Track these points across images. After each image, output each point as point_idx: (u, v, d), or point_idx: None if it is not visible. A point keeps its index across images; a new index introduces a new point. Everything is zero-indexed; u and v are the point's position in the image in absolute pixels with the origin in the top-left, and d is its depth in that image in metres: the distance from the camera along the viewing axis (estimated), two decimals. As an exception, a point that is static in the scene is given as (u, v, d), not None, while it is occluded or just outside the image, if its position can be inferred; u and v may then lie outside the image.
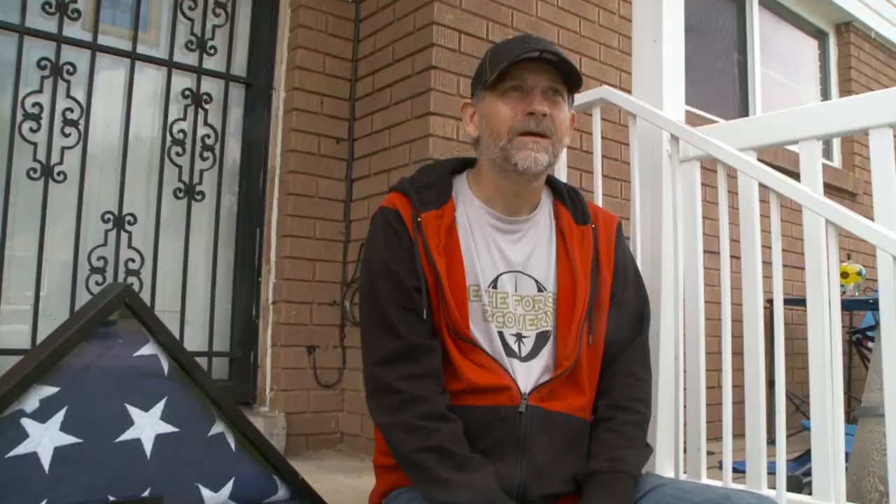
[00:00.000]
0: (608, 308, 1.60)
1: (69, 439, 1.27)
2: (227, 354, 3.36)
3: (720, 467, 1.92)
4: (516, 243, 1.59)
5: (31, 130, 2.92)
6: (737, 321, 1.90)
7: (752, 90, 5.11)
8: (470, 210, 1.58)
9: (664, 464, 2.04)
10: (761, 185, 1.89)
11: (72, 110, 3.01)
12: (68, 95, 3.01)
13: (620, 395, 1.57)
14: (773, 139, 2.01)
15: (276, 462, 1.47)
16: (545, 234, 1.62)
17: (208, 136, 3.34)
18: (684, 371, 2.01)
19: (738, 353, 1.89)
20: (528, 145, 1.49)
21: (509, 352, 1.51)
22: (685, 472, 2.01)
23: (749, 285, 1.93)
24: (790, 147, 2.04)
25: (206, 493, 1.38)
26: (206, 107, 3.35)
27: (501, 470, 1.40)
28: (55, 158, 2.96)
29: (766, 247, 1.87)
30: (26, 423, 1.24)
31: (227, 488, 1.40)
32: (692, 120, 2.18)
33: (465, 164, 1.67)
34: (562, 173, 2.23)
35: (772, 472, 1.85)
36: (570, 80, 1.54)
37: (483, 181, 1.60)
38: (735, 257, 1.94)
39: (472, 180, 1.63)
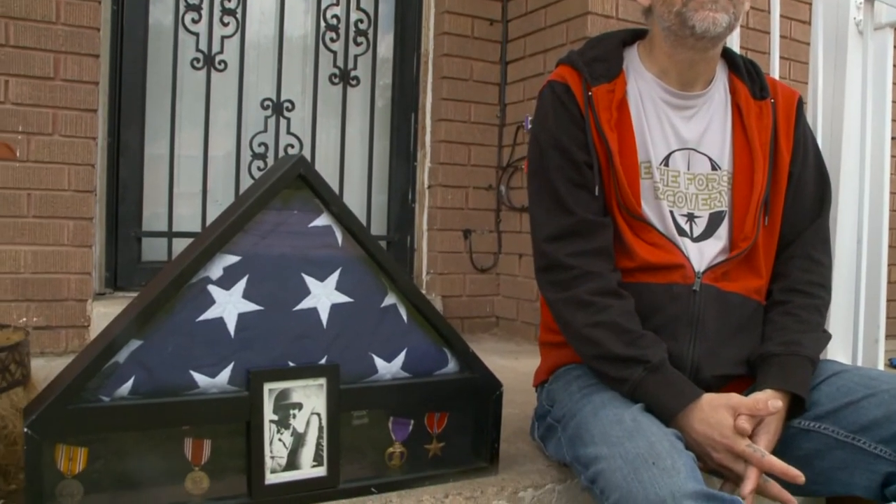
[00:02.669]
0: (786, 188, 1.50)
1: (251, 306, 1.32)
2: (385, 238, 3.43)
3: (892, 365, 1.82)
4: (690, 119, 1.50)
5: (193, 21, 3.01)
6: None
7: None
8: (641, 84, 1.51)
9: (837, 354, 1.94)
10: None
11: (229, -1, 3.07)
12: (225, -17, 3.06)
13: (797, 278, 1.48)
14: None
15: (448, 335, 1.48)
16: (720, 109, 1.53)
17: (361, 21, 3.33)
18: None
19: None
20: (707, 5, 1.37)
21: (681, 231, 1.45)
22: (861, 365, 1.92)
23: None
24: None
25: (379, 362, 1.42)
26: (359, -9, 3.33)
27: (674, 349, 1.38)
28: (216, 48, 3.04)
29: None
30: (212, 289, 1.29)
31: (400, 359, 1.43)
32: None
33: (636, 36, 1.58)
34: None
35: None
36: None
37: (656, 52, 1.51)
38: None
39: (644, 52, 1.54)
